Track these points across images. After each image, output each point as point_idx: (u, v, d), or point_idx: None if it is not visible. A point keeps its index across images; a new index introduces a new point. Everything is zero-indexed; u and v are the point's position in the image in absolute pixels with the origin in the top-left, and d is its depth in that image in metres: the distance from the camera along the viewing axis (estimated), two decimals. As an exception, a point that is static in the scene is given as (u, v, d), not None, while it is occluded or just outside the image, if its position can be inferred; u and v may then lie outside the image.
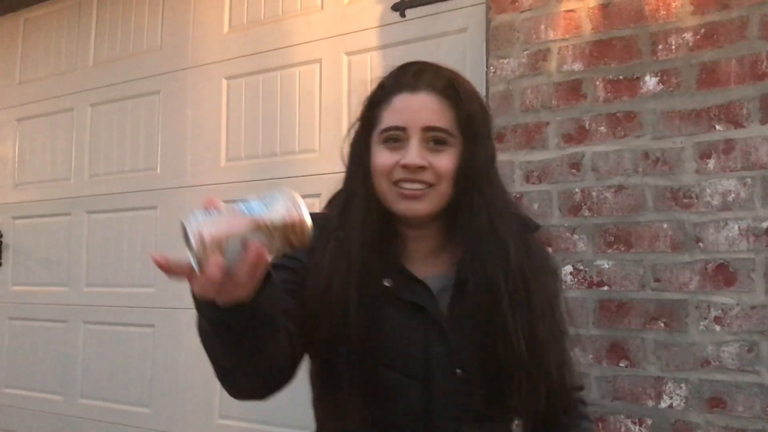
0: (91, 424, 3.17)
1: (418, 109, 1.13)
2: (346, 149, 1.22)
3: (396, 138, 1.13)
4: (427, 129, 1.12)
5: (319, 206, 2.61)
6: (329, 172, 2.63)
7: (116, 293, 3.17)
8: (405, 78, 1.15)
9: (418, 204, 1.13)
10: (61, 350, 3.32)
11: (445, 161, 1.12)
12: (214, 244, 0.79)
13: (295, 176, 2.70)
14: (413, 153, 1.10)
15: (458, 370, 1.12)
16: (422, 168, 1.11)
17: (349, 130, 1.22)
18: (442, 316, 1.14)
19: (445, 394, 1.12)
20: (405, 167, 1.11)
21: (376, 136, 1.15)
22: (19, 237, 3.57)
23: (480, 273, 1.12)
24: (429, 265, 1.18)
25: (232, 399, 2.96)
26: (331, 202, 1.23)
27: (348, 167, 1.21)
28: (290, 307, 1.06)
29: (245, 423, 2.72)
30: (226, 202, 0.84)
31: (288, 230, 0.83)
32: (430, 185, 1.12)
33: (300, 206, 0.83)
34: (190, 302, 0.91)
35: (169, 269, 0.83)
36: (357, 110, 1.21)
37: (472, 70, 2.28)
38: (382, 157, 1.13)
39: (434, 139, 1.13)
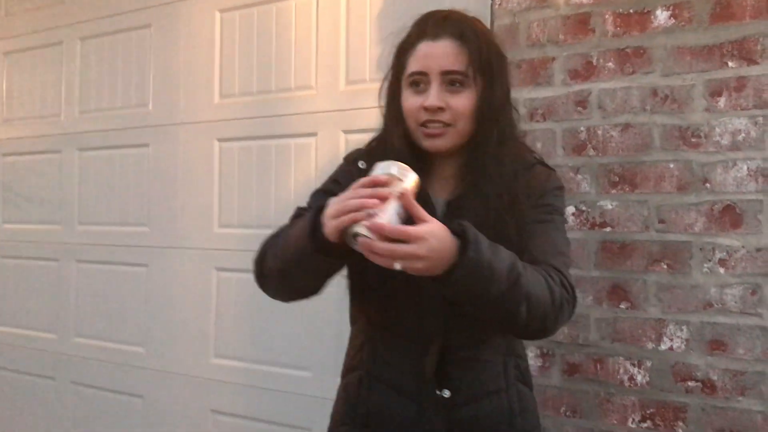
0: (86, 363, 3.17)
1: (438, 55, 1.27)
2: (383, 92, 1.38)
3: (419, 82, 1.29)
4: (446, 73, 1.27)
5: (315, 146, 2.57)
6: (326, 110, 2.57)
7: (109, 232, 3.12)
8: (428, 26, 1.30)
9: (439, 141, 1.30)
10: (54, 289, 3.30)
11: (462, 101, 1.28)
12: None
13: (290, 114, 2.63)
14: (432, 96, 1.27)
15: None
16: (441, 109, 1.27)
17: (385, 77, 1.37)
18: None
19: (432, 300, 1.28)
20: (426, 109, 1.28)
21: (404, 81, 1.32)
22: (9, 174, 3.51)
23: (476, 189, 1.29)
24: (445, 186, 1.35)
25: (226, 338, 2.97)
26: (372, 142, 1.42)
27: (384, 108, 1.38)
28: None
29: (240, 362, 2.71)
30: (221, 140, 0.84)
31: (416, 188, 1.13)
32: (448, 125, 1.28)
33: (411, 171, 1.14)
34: (184, 242, 0.95)
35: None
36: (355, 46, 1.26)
37: (477, 3, 2.19)
38: (409, 101, 1.30)
39: (452, 81, 1.28)
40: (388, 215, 1.07)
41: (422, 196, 1.28)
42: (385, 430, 1.36)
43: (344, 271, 1.37)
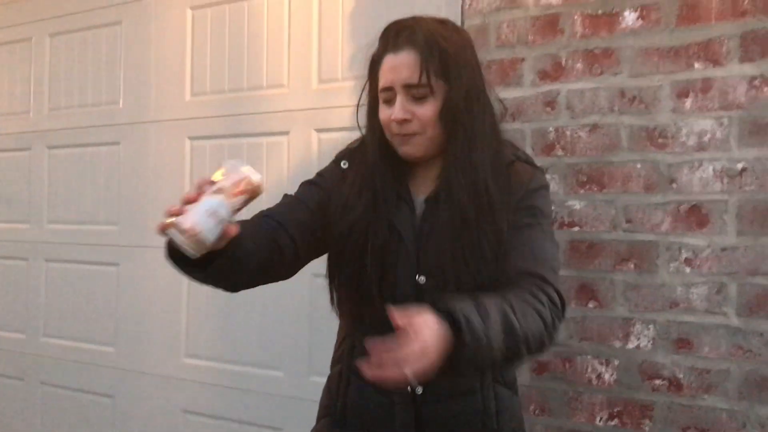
0: (55, 363, 3.13)
1: (399, 68, 1.30)
2: (361, 101, 1.44)
3: (389, 96, 1.33)
4: (407, 86, 1.30)
5: (287, 144, 2.56)
6: (298, 108, 2.56)
7: (79, 231, 3.09)
8: (389, 39, 1.33)
9: (410, 147, 1.35)
10: (23, 288, 3.26)
11: (426, 110, 1.31)
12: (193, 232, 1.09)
13: (262, 112, 2.62)
14: (397, 109, 1.31)
15: (421, 278, 1.33)
16: (407, 120, 1.31)
17: (363, 87, 1.42)
18: (411, 236, 1.35)
19: (406, 297, 1.30)
20: (394, 121, 1.32)
21: (379, 93, 1.36)
22: (-23, 172, 3.46)
23: (448, 192, 1.32)
24: (428, 186, 1.38)
25: (197, 338, 2.95)
26: (357, 141, 1.47)
27: (365, 119, 1.43)
28: (304, 220, 1.36)
29: (211, 362, 2.69)
30: (192, 139, 0.90)
31: (240, 186, 1.13)
32: (416, 133, 1.32)
33: (242, 168, 1.15)
34: (154, 241, 1.05)
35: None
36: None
37: (447, 3, 2.20)
38: (382, 114, 1.35)
39: (414, 94, 1.31)
40: (194, 215, 1.09)
41: (403, 195, 1.37)
42: (361, 423, 1.40)
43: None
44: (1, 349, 3.31)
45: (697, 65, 1.85)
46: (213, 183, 1.14)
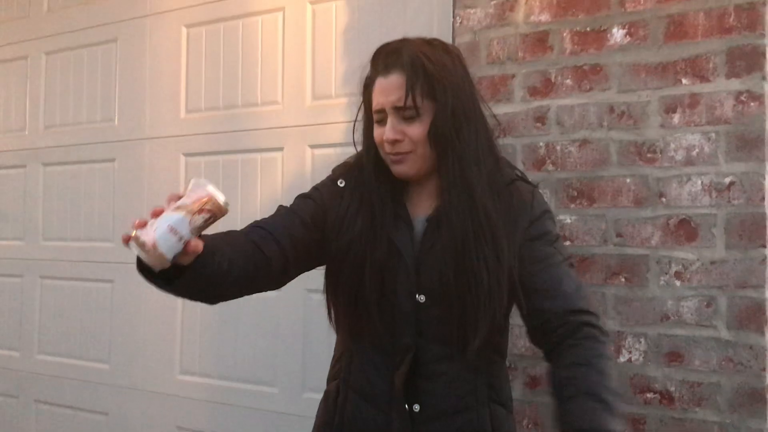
0: (50, 380, 3.13)
1: (389, 91, 1.34)
2: (358, 122, 1.48)
3: (381, 117, 1.37)
4: (396, 108, 1.34)
5: (281, 160, 2.57)
6: (292, 125, 2.58)
7: (74, 247, 3.10)
8: (379, 62, 1.38)
9: (403, 166, 1.38)
10: (18, 305, 3.26)
11: (416, 130, 1.34)
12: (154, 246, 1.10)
13: (256, 129, 2.64)
14: (388, 130, 1.35)
15: (421, 297, 1.36)
16: (398, 140, 1.35)
17: (359, 108, 1.46)
18: (411, 255, 1.37)
19: (405, 315, 1.36)
20: (386, 141, 1.35)
21: (373, 115, 1.40)
22: (-28, 189, 3.47)
23: (448, 213, 1.34)
24: (424, 207, 1.41)
25: (191, 354, 2.94)
26: (353, 158, 1.49)
27: (362, 138, 1.46)
28: (297, 232, 1.37)
29: (205, 378, 2.69)
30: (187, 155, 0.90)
31: (202, 205, 1.13)
32: (408, 152, 1.35)
33: (207, 186, 1.14)
34: None
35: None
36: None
37: (438, 21, 2.23)
38: (376, 134, 1.39)
39: (403, 114, 1.34)
40: (154, 230, 1.10)
41: (401, 213, 1.40)
42: None
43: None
44: (-4, 367, 3.31)
45: (684, 81, 1.87)
46: (180, 199, 1.15)
